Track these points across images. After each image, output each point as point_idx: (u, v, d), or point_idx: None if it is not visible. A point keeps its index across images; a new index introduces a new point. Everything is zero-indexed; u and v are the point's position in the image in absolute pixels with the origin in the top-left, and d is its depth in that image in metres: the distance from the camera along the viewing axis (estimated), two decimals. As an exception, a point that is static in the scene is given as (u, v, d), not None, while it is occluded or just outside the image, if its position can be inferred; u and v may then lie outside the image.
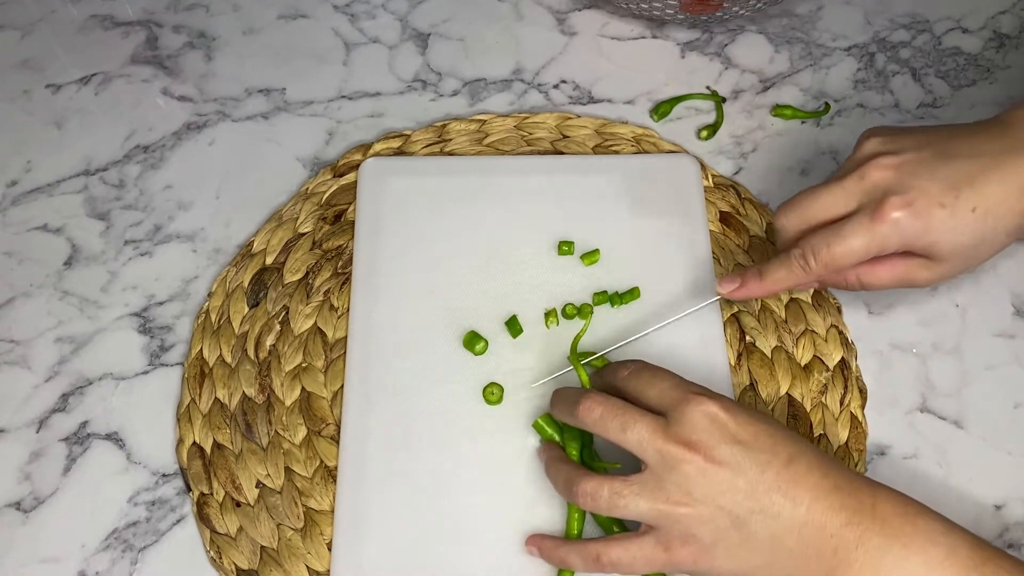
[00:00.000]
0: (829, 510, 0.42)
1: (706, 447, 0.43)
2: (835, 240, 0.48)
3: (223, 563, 0.51)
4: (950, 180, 0.46)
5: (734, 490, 0.42)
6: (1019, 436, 0.55)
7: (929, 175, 0.47)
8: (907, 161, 0.48)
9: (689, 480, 0.43)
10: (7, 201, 0.64)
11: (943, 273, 0.49)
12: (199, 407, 0.56)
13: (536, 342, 0.57)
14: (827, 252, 0.48)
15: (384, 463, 0.53)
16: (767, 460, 0.43)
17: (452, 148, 0.65)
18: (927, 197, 0.46)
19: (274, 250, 0.61)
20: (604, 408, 0.45)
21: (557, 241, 0.60)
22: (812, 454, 0.44)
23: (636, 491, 0.44)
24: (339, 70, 0.70)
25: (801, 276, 0.50)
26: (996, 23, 0.72)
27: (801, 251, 0.49)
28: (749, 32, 0.72)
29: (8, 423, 0.56)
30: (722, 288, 0.53)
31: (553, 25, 0.72)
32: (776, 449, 0.43)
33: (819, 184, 0.50)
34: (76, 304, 0.60)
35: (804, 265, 0.49)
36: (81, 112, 0.68)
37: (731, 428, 0.43)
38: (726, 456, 0.43)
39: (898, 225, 0.46)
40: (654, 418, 0.44)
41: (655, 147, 0.65)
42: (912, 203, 0.46)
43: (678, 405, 0.44)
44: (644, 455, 0.44)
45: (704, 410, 0.43)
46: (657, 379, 0.46)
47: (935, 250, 0.47)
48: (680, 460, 0.43)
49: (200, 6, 0.73)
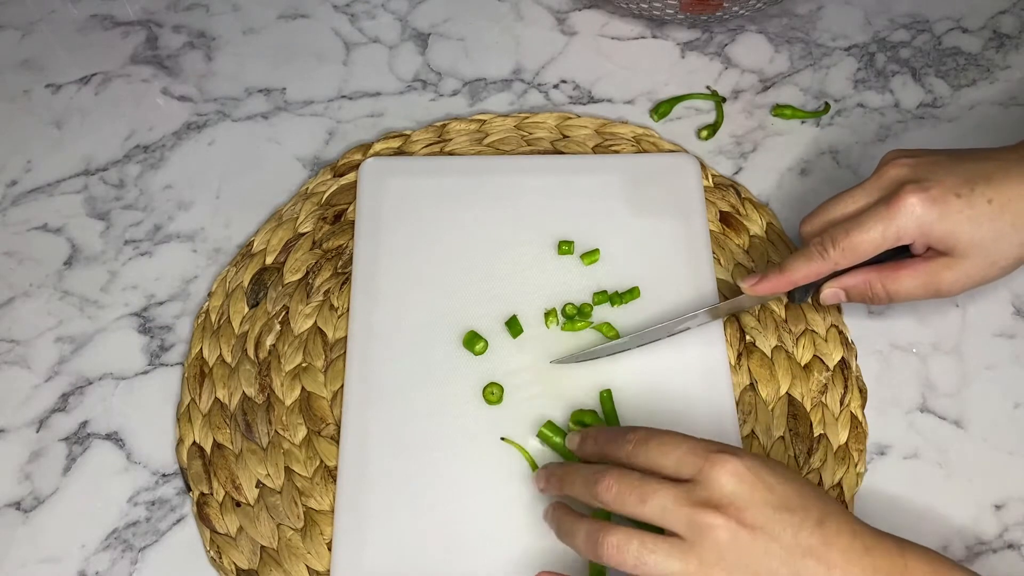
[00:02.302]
0: (864, 573, 0.41)
1: (737, 510, 0.41)
2: (854, 228, 0.49)
3: (223, 563, 0.51)
4: (966, 174, 0.48)
5: (769, 555, 0.41)
6: (1019, 436, 0.55)
7: (947, 170, 0.48)
8: (923, 161, 0.49)
9: (721, 545, 0.41)
10: (7, 201, 0.64)
11: (968, 273, 0.49)
12: (199, 407, 0.56)
13: (536, 342, 0.57)
14: (845, 238, 0.49)
15: (384, 463, 0.53)
16: (799, 522, 0.41)
17: (452, 148, 0.65)
18: (943, 187, 0.47)
19: (274, 250, 0.61)
20: (620, 484, 0.43)
21: (557, 241, 0.60)
22: (840, 513, 0.43)
23: (667, 550, 0.41)
24: (339, 70, 0.70)
25: (820, 265, 0.50)
26: (996, 23, 0.72)
27: (820, 240, 0.50)
28: (749, 32, 0.72)
29: (8, 423, 0.56)
30: (744, 283, 0.53)
31: (553, 25, 0.72)
32: (807, 509, 0.42)
33: (841, 192, 0.52)
34: (76, 304, 0.60)
35: (823, 252, 0.50)
36: (81, 112, 0.68)
37: (760, 489, 0.41)
38: (759, 520, 0.41)
39: (914, 211, 0.47)
40: (676, 484, 0.42)
41: (655, 147, 0.65)
42: (928, 190, 0.47)
43: (701, 468, 0.42)
44: (671, 524, 0.42)
45: (730, 470, 0.41)
46: (669, 445, 0.44)
47: (953, 241, 0.48)
48: (711, 525, 0.41)
49: (200, 6, 0.73)
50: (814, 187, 0.64)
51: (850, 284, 0.52)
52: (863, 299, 0.52)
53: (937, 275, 0.49)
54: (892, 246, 0.49)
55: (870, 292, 0.51)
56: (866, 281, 0.51)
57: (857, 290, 0.52)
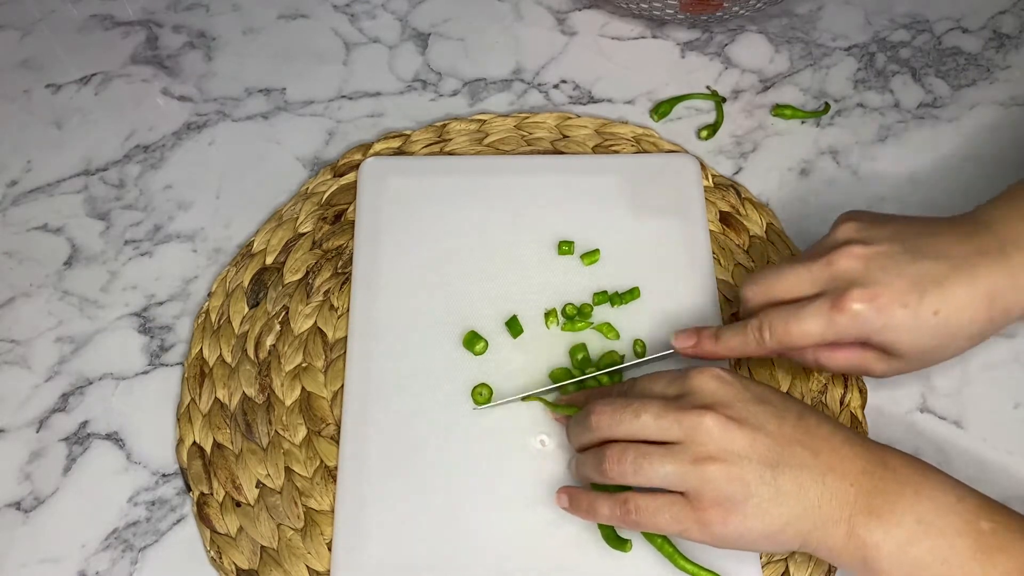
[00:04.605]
0: (846, 459, 0.43)
1: (723, 406, 0.44)
2: (793, 320, 0.48)
3: (223, 563, 0.51)
4: (916, 278, 0.46)
5: (756, 443, 0.43)
6: (1019, 436, 0.55)
7: (897, 271, 0.46)
8: (877, 253, 0.47)
9: (713, 438, 0.43)
10: (7, 201, 0.64)
11: (899, 368, 0.49)
12: (199, 407, 0.56)
13: (536, 342, 0.57)
14: (783, 330, 0.48)
15: (384, 463, 0.53)
16: (781, 415, 0.44)
17: (452, 148, 0.65)
18: (890, 294, 0.46)
19: (274, 250, 0.61)
20: (612, 407, 0.46)
21: (557, 241, 0.60)
22: (817, 412, 0.46)
23: (662, 453, 0.44)
24: (339, 70, 0.70)
25: (755, 348, 0.50)
26: (996, 23, 0.72)
27: (759, 323, 0.49)
28: (749, 32, 0.72)
29: (8, 423, 0.56)
30: (677, 342, 0.52)
31: (553, 25, 0.72)
32: (786, 405, 0.45)
33: (787, 261, 0.50)
34: (76, 304, 0.60)
35: (759, 339, 0.49)
36: (81, 112, 0.68)
37: (740, 388, 0.45)
38: (744, 413, 0.44)
39: (858, 318, 0.46)
40: (665, 399, 0.46)
41: (655, 147, 0.65)
42: (875, 299, 0.46)
43: (684, 383, 0.46)
44: (665, 432, 0.44)
45: (711, 375, 0.45)
46: (653, 378, 0.47)
47: (893, 347, 0.47)
48: (700, 422, 0.43)
49: (200, 6, 0.73)
50: (814, 187, 0.64)
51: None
52: (792, 359, 0.52)
53: (869, 363, 0.49)
54: (830, 342, 0.48)
55: (801, 359, 0.51)
56: (800, 351, 0.50)
57: (788, 354, 0.51)
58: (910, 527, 0.42)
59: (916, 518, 0.42)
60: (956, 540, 0.42)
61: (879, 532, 0.42)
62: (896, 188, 0.64)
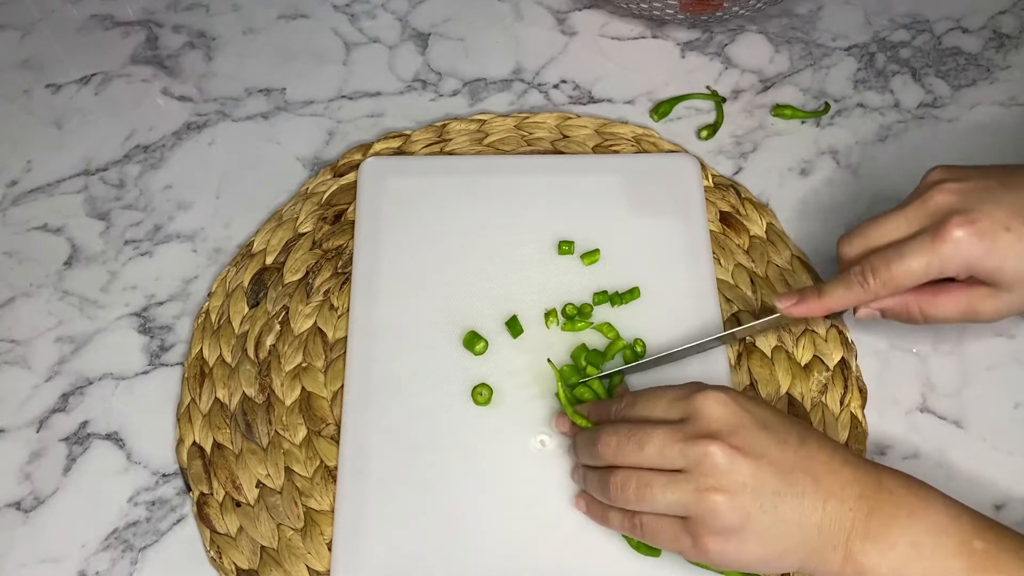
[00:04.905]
0: (845, 484, 0.43)
1: (727, 434, 0.44)
2: (896, 259, 0.47)
3: (223, 563, 0.51)
4: (1015, 205, 0.46)
5: (762, 473, 0.43)
6: (1019, 436, 0.55)
7: (994, 200, 0.46)
8: (971, 188, 0.47)
9: (717, 468, 0.43)
10: (7, 201, 0.64)
11: (1009, 303, 0.48)
12: (199, 407, 0.56)
13: (536, 342, 0.57)
14: (886, 270, 0.47)
15: (384, 463, 0.53)
16: (783, 440, 0.44)
17: (452, 148, 0.65)
18: (991, 220, 0.45)
19: (274, 250, 0.61)
20: (617, 436, 0.46)
21: (557, 241, 0.60)
22: (816, 433, 0.46)
23: (664, 483, 0.44)
24: (339, 70, 0.70)
25: (860, 294, 0.49)
26: (996, 23, 0.72)
27: (860, 269, 0.49)
28: (749, 32, 0.72)
29: (8, 423, 0.56)
30: (781, 303, 0.52)
31: (553, 25, 0.72)
32: (788, 430, 0.45)
33: (882, 212, 0.50)
34: (76, 304, 0.60)
35: (863, 282, 0.49)
36: (81, 112, 0.68)
37: (743, 414, 0.44)
38: (747, 440, 0.44)
39: (960, 245, 0.46)
40: (669, 426, 0.45)
41: (655, 147, 0.65)
42: (975, 223, 0.46)
43: (688, 406, 0.45)
44: (670, 461, 0.44)
45: (713, 399, 0.45)
46: (654, 398, 0.47)
47: (999, 276, 0.46)
48: (706, 452, 0.43)
49: (200, 6, 0.73)
50: (814, 187, 0.64)
51: (888, 306, 0.51)
52: (899, 319, 0.51)
53: (977, 304, 0.48)
54: (935, 279, 0.48)
55: (907, 314, 0.50)
56: (904, 303, 0.50)
57: (894, 311, 0.51)
58: (904, 550, 0.42)
59: (910, 540, 0.42)
60: (950, 561, 0.42)
61: (875, 555, 0.43)
62: (896, 188, 0.64)
